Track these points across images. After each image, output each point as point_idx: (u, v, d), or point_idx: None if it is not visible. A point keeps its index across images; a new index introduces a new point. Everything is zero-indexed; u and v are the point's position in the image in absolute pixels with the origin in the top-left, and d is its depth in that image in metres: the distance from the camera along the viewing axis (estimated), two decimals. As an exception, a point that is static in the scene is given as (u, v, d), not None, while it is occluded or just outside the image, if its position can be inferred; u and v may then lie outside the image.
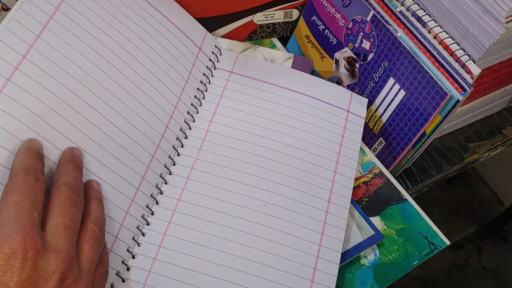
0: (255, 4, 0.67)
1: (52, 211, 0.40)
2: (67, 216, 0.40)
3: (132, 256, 0.49)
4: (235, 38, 0.68)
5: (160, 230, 0.51)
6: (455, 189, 1.54)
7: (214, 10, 0.65)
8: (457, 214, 1.50)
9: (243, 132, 0.58)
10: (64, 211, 0.40)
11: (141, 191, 0.51)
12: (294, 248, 0.51)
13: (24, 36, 0.46)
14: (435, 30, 0.57)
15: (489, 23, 0.54)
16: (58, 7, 0.49)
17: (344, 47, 0.65)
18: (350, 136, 0.60)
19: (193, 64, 0.60)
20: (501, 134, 0.74)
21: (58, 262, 0.37)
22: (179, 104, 0.57)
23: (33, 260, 0.36)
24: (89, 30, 0.51)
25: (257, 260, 0.50)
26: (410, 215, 0.58)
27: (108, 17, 0.53)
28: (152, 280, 0.48)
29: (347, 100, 0.63)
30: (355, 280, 0.53)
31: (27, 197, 0.38)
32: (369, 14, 0.61)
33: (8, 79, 0.44)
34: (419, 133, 0.59)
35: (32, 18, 0.47)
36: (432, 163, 0.69)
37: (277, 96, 0.61)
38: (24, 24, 0.46)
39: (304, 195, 0.55)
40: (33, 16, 0.47)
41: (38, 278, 0.36)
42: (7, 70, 0.44)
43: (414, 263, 0.55)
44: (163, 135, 0.54)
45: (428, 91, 0.56)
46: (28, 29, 0.46)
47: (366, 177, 0.60)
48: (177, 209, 0.52)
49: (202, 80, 0.60)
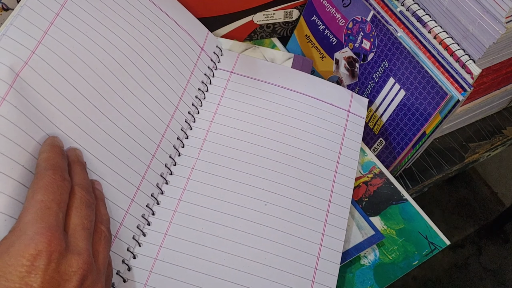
0: (255, 4, 0.67)
1: (69, 211, 0.40)
2: (83, 217, 0.40)
3: (133, 256, 0.49)
4: (235, 38, 0.68)
5: (161, 230, 0.51)
6: (455, 189, 1.54)
7: (214, 10, 0.65)
8: (457, 214, 1.50)
9: (243, 132, 0.58)
10: (80, 212, 0.40)
11: (141, 190, 0.51)
12: (295, 248, 0.52)
13: (31, 32, 0.46)
14: (435, 30, 0.57)
15: (489, 23, 0.54)
16: (63, 5, 0.49)
17: (344, 47, 0.65)
18: (350, 136, 0.60)
19: (195, 64, 0.60)
20: (501, 134, 0.74)
21: (79, 264, 0.37)
22: (181, 104, 0.57)
23: (57, 261, 0.36)
24: (94, 27, 0.51)
25: (258, 260, 0.50)
26: (410, 215, 0.58)
27: (112, 15, 0.53)
28: (153, 280, 0.48)
29: (348, 100, 0.63)
30: (355, 280, 0.53)
31: (53, 197, 0.39)
32: (369, 14, 0.61)
33: (17, 74, 0.44)
34: (419, 133, 0.59)
35: (39, 15, 0.47)
36: (432, 163, 0.69)
37: (278, 96, 0.61)
38: (30, 20, 0.46)
39: (305, 195, 0.55)
40: (39, 13, 0.47)
41: (60, 280, 0.36)
42: (17, 65, 0.44)
43: (414, 263, 0.55)
44: (163, 135, 0.54)
45: (428, 91, 0.56)
46: (35, 25, 0.46)
47: (366, 177, 0.60)
48: (178, 209, 0.52)
49: (204, 80, 0.60)
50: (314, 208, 0.54)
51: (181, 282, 0.48)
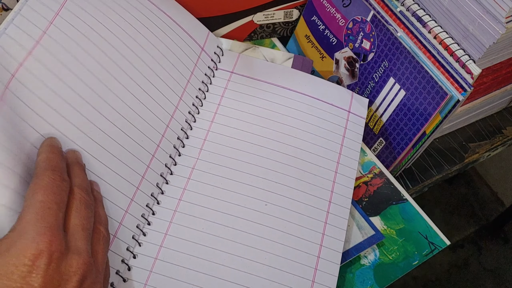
0: (255, 4, 0.67)
1: (69, 212, 0.40)
2: (83, 218, 0.41)
3: (133, 256, 0.49)
4: (235, 38, 0.68)
5: (161, 230, 0.51)
6: (455, 189, 1.54)
7: (214, 10, 0.65)
8: (457, 214, 1.50)
9: (244, 132, 0.58)
10: (80, 213, 0.41)
11: (141, 190, 0.51)
12: (295, 248, 0.52)
13: (30, 31, 0.46)
14: (435, 30, 0.57)
15: (489, 23, 0.54)
16: (63, 4, 0.49)
17: (344, 47, 0.65)
18: (350, 136, 0.60)
19: (196, 64, 0.60)
20: (501, 134, 0.74)
21: (79, 264, 0.38)
22: (181, 104, 0.57)
23: (57, 261, 0.36)
24: (94, 28, 0.51)
25: (258, 260, 0.50)
26: (410, 215, 0.58)
27: (112, 15, 0.53)
28: (153, 280, 0.48)
29: (348, 100, 0.63)
30: (355, 280, 0.54)
31: (53, 198, 0.39)
32: (369, 14, 0.61)
33: (13, 75, 0.44)
34: (419, 133, 0.59)
35: (39, 14, 0.47)
36: (432, 163, 0.69)
37: (278, 96, 0.61)
38: (30, 19, 0.46)
39: (305, 195, 0.55)
40: (39, 12, 0.47)
41: (60, 280, 0.36)
42: (12, 66, 0.44)
43: (414, 263, 0.55)
44: (163, 135, 0.54)
45: (428, 91, 0.56)
46: (35, 25, 0.46)
47: (366, 177, 0.60)
48: (178, 209, 0.52)
49: (204, 80, 0.60)
50: (314, 208, 0.54)
51: (181, 281, 0.49)
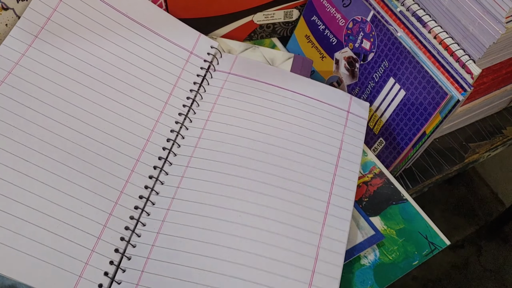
0: (255, 4, 0.67)
1: None
2: None
3: (127, 258, 0.49)
4: (235, 38, 0.68)
5: (154, 229, 0.51)
6: (455, 189, 1.54)
7: (214, 10, 0.65)
8: (457, 214, 1.50)
9: (239, 129, 0.58)
10: None
11: (126, 193, 0.52)
12: (293, 251, 0.51)
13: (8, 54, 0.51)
14: (435, 30, 0.57)
15: (489, 23, 0.54)
16: (44, 26, 0.53)
17: (344, 47, 0.65)
18: (351, 138, 0.60)
19: (183, 68, 0.60)
20: (501, 134, 0.74)
21: None
22: (167, 108, 0.58)
23: None
24: (76, 44, 0.55)
25: (255, 265, 0.50)
26: (410, 215, 0.58)
27: (91, 36, 0.57)
28: (145, 280, 0.48)
29: (347, 101, 0.63)
30: (355, 280, 0.53)
31: None
32: (369, 14, 0.61)
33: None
34: (419, 133, 0.59)
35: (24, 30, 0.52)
36: (432, 163, 0.69)
37: (275, 95, 0.61)
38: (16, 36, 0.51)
39: (305, 196, 0.54)
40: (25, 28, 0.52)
41: None
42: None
43: (414, 263, 0.55)
44: (148, 139, 0.56)
45: (428, 91, 0.56)
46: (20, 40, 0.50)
47: (366, 177, 0.60)
48: (171, 207, 0.52)
49: (196, 81, 0.60)
50: (314, 209, 0.54)
51: (175, 279, 0.48)
